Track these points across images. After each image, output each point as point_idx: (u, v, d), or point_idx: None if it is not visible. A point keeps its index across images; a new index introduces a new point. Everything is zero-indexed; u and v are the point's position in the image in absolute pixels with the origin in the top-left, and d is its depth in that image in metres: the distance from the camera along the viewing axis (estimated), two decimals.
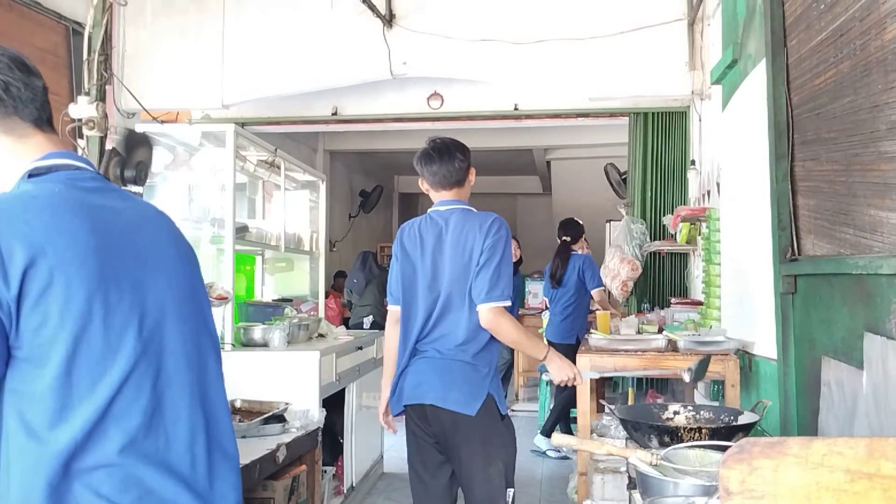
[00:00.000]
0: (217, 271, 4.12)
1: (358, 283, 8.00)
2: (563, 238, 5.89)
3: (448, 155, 2.72)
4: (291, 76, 5.78)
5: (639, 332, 4.11)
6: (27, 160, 1.32)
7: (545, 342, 2.75)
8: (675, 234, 5.48)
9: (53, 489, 1.17)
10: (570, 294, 5.71)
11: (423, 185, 2.80)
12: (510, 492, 2.56)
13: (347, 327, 6.13)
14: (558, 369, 2.72)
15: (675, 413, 2.46)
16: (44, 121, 1.37)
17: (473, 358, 2.59)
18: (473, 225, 2.64)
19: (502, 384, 7.36)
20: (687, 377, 2.88)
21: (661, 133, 6.29)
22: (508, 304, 2.59)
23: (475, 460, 2.56)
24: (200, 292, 1.47)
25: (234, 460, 1.41)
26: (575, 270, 5.70)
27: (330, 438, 4.25)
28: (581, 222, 5.93)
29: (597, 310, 5.19)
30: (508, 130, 7.93)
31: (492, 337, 2.61)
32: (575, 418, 4.02)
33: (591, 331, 4.15)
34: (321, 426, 3.61)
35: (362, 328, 7.28)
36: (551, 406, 5.89)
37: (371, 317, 7.66)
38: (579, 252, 5.81)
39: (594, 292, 5.66)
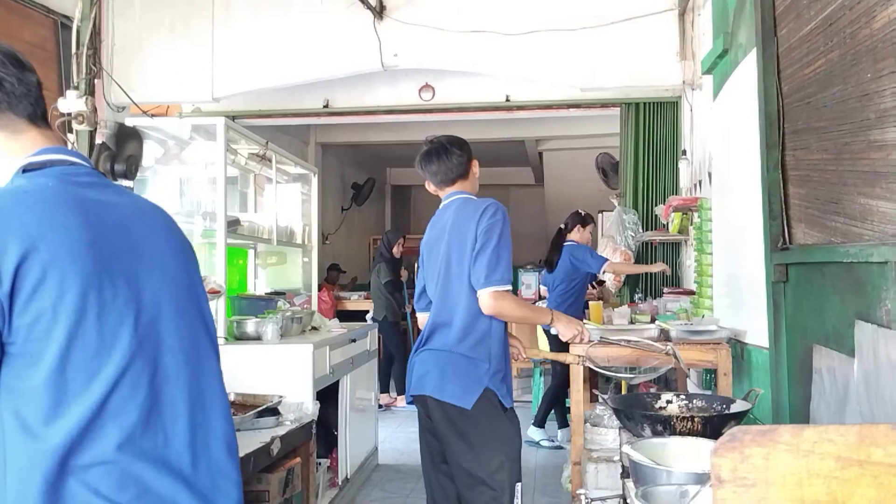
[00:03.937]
0: (209, 265, 4.11)
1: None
2: (560, 226, 5.93)
3: (445, 152, 2.72)
4: (282, 69, 5.76)
5: (631, 322, 4.12)
6: (22, 156, 1.31)
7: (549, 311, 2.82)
8: (667, 223, 5.49)
9: (50, 486, 1.16)
10: (563, 283, 5.71)
11: (430, 187, 2.81)
12: (519, 486, 2.53)
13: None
14: (566, 326, 2.82)
15: (668, 402, 2.48)
16: (38, 116, 1.36)
17: (471, 350, 2.56)
18: (469, 211, 2.63)
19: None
20: None
21: (653, 123, 6.28)
22: (509, 288, 2.55)
23: (477, 456, 2.50)
24: (198, 287, 1.45)
25: (236, 456, 1.40)
26: (567, 259, 5.69)
27: (324, 431, 4.26)
28: (584, 213, 5.89)
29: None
30: (500, 122, 7.91)
31: (490, 327, 2.57)
32: (569, 408, 4.06)
33: (584, 321, 4.16)
34: (315, 419, 3.61)
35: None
36: None
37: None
38: (575, 241, 5.80)
39: (605, 266, 5.60)
